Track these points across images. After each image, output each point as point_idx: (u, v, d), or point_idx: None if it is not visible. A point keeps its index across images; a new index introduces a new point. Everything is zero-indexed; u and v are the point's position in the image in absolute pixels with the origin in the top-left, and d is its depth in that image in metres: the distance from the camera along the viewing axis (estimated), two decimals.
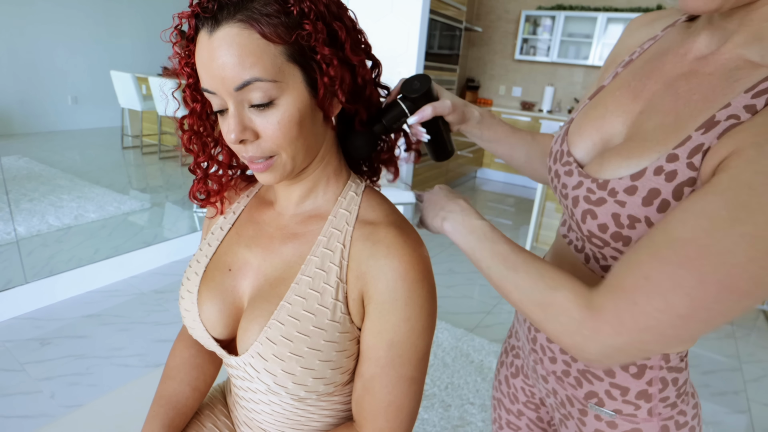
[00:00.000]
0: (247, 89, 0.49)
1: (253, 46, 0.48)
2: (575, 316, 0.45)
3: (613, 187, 0.50)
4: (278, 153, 0.54)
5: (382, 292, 0.55)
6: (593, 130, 0.59)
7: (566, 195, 0.58)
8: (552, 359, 0.65)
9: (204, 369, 0.74)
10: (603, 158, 0.54)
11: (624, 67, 0.62)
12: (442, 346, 2.09)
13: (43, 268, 2.30)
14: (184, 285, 0.66)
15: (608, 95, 0.60)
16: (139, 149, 4.73)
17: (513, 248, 0.54)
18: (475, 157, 5.27)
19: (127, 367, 1.83)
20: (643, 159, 0.49)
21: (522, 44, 5.23)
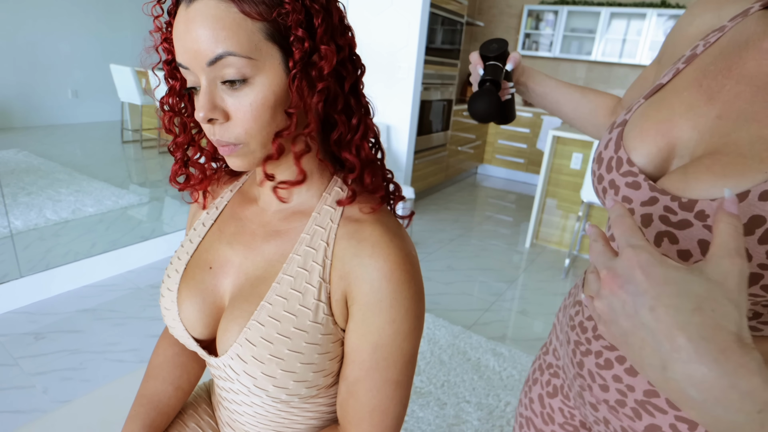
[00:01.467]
0: (220, 64, 0.46)
1: (229, 20, 0.45)
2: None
3: (703, 209, 0.42)
4: (246, 142, 0.50)
5: (366, 293, 0.53)
6: (658, 135, 0.50)
7: (632, 210, 0.50)
8: (603, 387, 0.56)
9: (187, 368, 0.72)
10: (687, 173, 0.46)
11: (686, 63, 0.54)
12: (439, 343, 2.08)
13: (40, 262, 2.28)
14: (164, 282, 0.64)
15: (672, 95, 0.52)
16: (138, 143, 4.71)
17: None
18: (476, 153, 5.24)
19: (122, 363, 1.82)
20: (745, 179, 0.40)
21: (524, 39, 5.18)
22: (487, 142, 5.39)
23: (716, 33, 0.53)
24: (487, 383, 1.85)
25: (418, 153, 3.86)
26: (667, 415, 0.51)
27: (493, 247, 3.34)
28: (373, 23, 3.37)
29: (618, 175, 0.52)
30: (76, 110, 4.51)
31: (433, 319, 2.25)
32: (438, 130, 4.14)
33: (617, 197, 0.52)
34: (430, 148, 4.08)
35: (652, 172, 0.50)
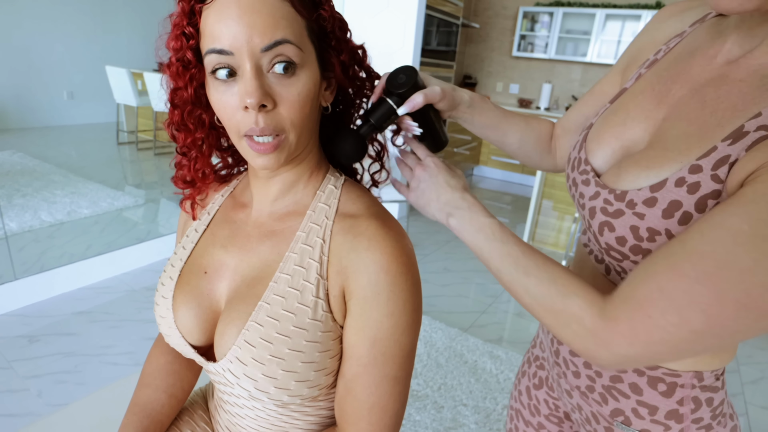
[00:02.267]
0: (276, 50, 0.47)
1: (285, 11, 0.48)
2: (587, 325, 0.44)
3: (632, 199, 0.48)
4: (287, 131, 0.51)
5: (363, 287, 0.52)
6: (612, 138, 0.55)
7: (584, 205, 0.56)
8: (576, 373, 0.62)
9: (181, 375, 0.71)
10: (620, 167, 0.51)
11: (648, 68, 0.58)
12: (436, 346, 2.08)
13: (34, 264, 2.27)
14: (158, 290, 0.63)
15: (630, 99, 0.57)
16: (134, 145, 4.70)
17: (524, 250, 0.52)
18: (472, 154, 5.24)
19: (116, 366, 1.81)
20: (663, 169, 0.46)
21: (520, 41, 5.20)
22: (483, 143, 5.40)
23: (676, 38, 0.57)
24: (484, 386, 1.85)
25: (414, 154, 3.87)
26: (630, 400, 0.57)
27: None
28: (369, 25, 3.38)
29: (578, 173, 0.58)
30: (71, 112, 4.49)
31: (430, 321, 2.25)
32: None
33: (576, 194, 0.58)
34: None
35: (601, 166, 0.56)
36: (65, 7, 3.98)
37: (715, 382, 0.55)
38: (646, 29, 0.64)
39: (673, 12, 0.61)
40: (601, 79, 0.71)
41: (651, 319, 0.40)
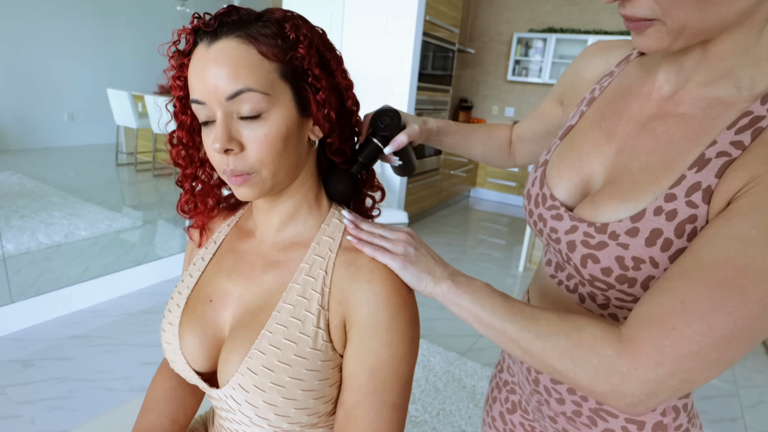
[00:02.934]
0: (239, 99, 0.50)
1: (249, 59, 0.50)
2: (608, 353, 0.43)
3: (614, 230, 0.50)
4: (259, 170, 0.54)
5: (364, 318, 0.55)
6: (573, 172, 0.59)
7: (558, 239, 0.57)
8: (560, 400, 0.63)
9: (184, 402, 0.72)
10: (595, 201, 0.53)
11: (588, 106, 0.63)
12: (434, 370, 2.07)
13: (31, 286, 2.26)
14: (165, 317, 0.65)
15: (580, 136, 0.61)
16: (133, 166, 4.72)
17: (524, 304, 0.53)
18: (469, 176, 5.29)
19: (111, 391, 1.79)
20: (639, 201, 0.49)
21: (514, 65, 5.30)
22: (479, 165, 5.46)
23: (607, 78, 0.63)
24: (483, 411, 1.84)
25: (411, 177, 3.90)
26: (618, 419, 0.59)
27: (486, 271, 3.35)
28: (367, 51, 3.45)
29: (544, 209, 0.60)
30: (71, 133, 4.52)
31: (428, 345, 2.24)
32: (431, 155, 4.19)
33: (545, 228, 0.60)
34: (423, 173, 4.12)
35: (572, 204, 0.58)
36: (68, 30, 4.04)
37: None
38: (575, 67, 0.70)
39: (597, 51, 0.67)
40: (543, 103, 0.80)
41: (675, 331, 0.40)
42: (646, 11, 0.43)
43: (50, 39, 3.91)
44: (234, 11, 0.52)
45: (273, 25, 0.52)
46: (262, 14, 0.54)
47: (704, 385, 2.17)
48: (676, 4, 0.41)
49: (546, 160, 0.63)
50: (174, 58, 0.56)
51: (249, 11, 0.53)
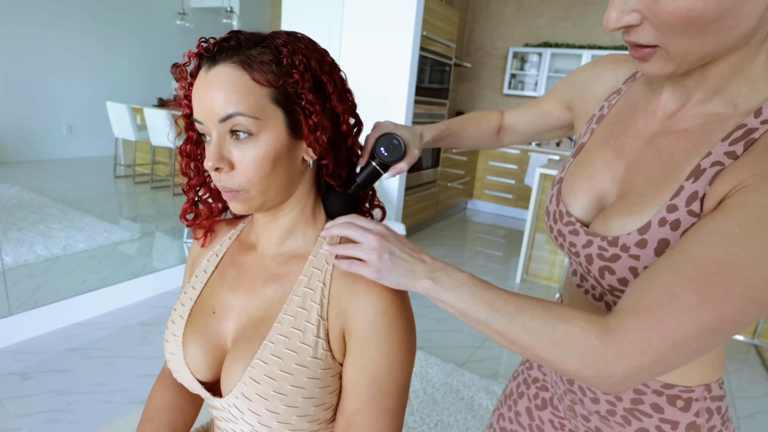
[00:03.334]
0: (230, 121, 0.54)
1: (240, 85, 0.53)
2: (595, 343, 0.45)
3: (624, 243, 0.53)
4: (247, 189, 0.57)
5: (362, 328, 0.57)
6: (586, 189, 0.62)
7: (578, 253, 0.61)
8: (594, 400, 0.65)
9: (184, 410, 0.73)
10: (606, 216, 0.57)
11: (598, 123, 0.66)
12: (432, 382, 2.07)
13: (29, 299, 2.26)
14: (169, 328, 0.67)
15: (591, 154, 0.64)
16: (131, 178, 4.73)
17: (507, 292, 0.54)
18: (465, 188, 5.33)
19: (110, 404, 1.79)
20: (645, 213, 0.52)
21: (510, 79, 5.37)
22: (476, 177, 5.50)
23: (615, 95, 0.66)
24: (481, 422, 1.84)
25: (409, 189, 3.93)
26: (653, 419, 0.60)
27: None
28: (365, 64, 3.49)
29: (562, 225, 0.63)
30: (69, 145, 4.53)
31: (426, 356, 2.25)
32: (428, 167, 4.23)
33: (565, 243, 0.63)
34: (421, 185, 4.16)
35: (588, 220, 0.60)
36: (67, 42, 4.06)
37: (720, 391, 0.61)
38: (586, 80, 0.73)
39: (606, 66, 0.70)
40: (546, 99, 0.83)
41: (662, 323, 0.42)
42: (650, 38, 0.46)
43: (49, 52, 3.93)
44: (234, 37, 0.55)
45: (270, 51, 0.54)
46: (264, 38, 0.56)
47: None
48: (678, 32, 0.44)
49: (561, 178, 0.67)
50: (183, 80, 0.60)
51: (250, 36, 0.56)
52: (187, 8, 4.93)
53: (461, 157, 4.95)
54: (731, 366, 2.48)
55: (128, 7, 4.44)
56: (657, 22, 0.44)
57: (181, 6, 4.87)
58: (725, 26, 0.43)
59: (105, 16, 4.22)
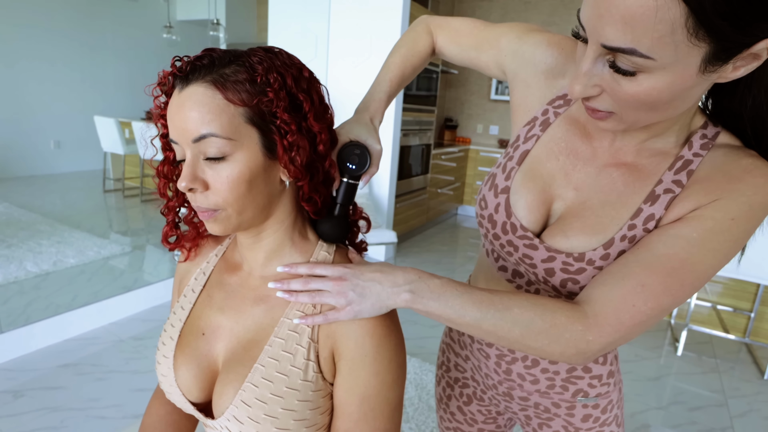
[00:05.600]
0: (203, 142, 0.53)
1: (213, 105, 0.52)
2: (579, 328, 0.54)
3: (591, 258, 0.60)
4: (224, 208, 0.55)
5: (351, 349, 0.57)
6: (539, 204, 0.65)
7: (533, 265, 0.65)
8: (534, 381, 0.74)
9: (180, 426, 0.74)
10: (568, 236, 0.62)
11: (543, 130, 0.67)
12: (426, 388, 2.08)
13: (19, 316, 2.25)
14: (159, 350, 0.67)
15: (539, 166, 0.66)
16: (120, 192, 4.71)
17: (490, 292, 0.58)
18: (456, 194, 5.37)
19: (104, 419, 1.78)
20: (607, 232, 0.59)
21: (497, 85, 5.44)
22: (466, 183, 5.54)
23: (562, 102, 0.67)
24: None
25: (399, 197, 3.95)
26: (584, 379, 0.72)
27: None
28: (352, 73, 3.52)
29: (515, 237, 0.66)
30: (57, 160, 4.50)
31: (420, 363, 2.26)
32: (417, 174, 4.26)
33: (516, 253, 0.67)
34: (411, 192, 4.18)
35: (535, 230, 0.65)
36: (55, 58, 4.04)
37: None
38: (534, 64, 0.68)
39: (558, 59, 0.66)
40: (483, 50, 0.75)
41: (635, 308, 0.53)
42: (607, 106, 0.51)
43: (36, 66, 3.92)
44: (207, 56, 0.54)
45: (245, 69, 0.53)
46: (239, 56, 0.54)
47: (693, 396, 2.22)
48: (632, 108, 0.50)
49: (507, 187, 0.67)
50: (157, 99, 0.59)
51: (224, 54, 0.54)
52: (173, 21, 4.94)
53: (451, 163, 4.99)
54: (723, 365, 2.52)
55: (114, 21, 4.44)
56: (616, 98, 0.49)
57: (168, 19, 4.87)
58: (673, 106, 0.49)
59: (91, 30, 4.21)
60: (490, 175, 0.72)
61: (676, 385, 2.32)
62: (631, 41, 0.42)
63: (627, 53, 0.43)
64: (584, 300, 0.56)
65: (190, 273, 0.71)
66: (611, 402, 0.76)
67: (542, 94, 0.69)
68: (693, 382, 2.35)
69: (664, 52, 0.42)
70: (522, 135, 0.69)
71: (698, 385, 2.32)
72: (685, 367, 2.48)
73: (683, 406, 2.14)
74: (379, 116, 0.75)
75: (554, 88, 0.68)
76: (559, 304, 0.56)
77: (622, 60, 0.45)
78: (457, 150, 5.08)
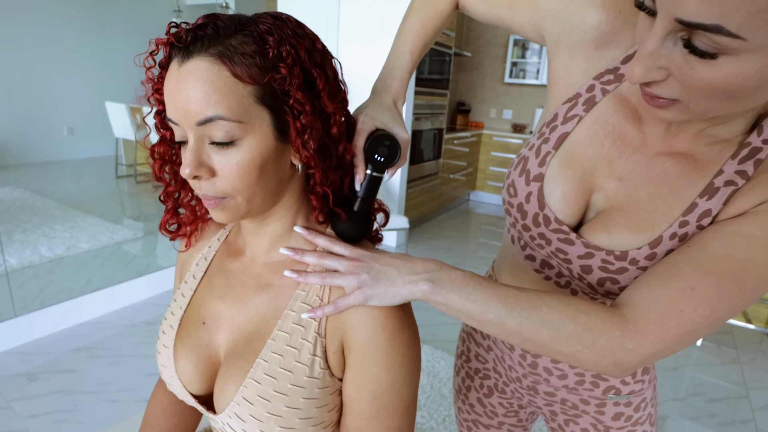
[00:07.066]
0: (209, 126, 0.47)
1: (220, 83, 0.46)
2: (617, 334, 0.47)
3: (634, 257, 0.53)
4: (232, 195, 0.51)
5: (362, 342, 0.53)
6: (578, 196, 0.57)
7: (568, 260, 0.59)
8: (561, 376, 0.69)
9: (185, 415, 0.72)
10: (610, 232, 0.55)
11: (587, 110, 0.58)
12: (439, 376, 2.06)
13: (34, 300, 2.27)
14: (160, 339, 0.64)
15: (580, 151, 0.58)
16: (132, 178, 4.73)
17: (516, 288, 0.52)
18: (468, 180, 5.30)
19: (116, 403, 1.79)
20: (655, 229, 0.52)
21: (511, 68, 5.32)
22: (479, 168, 5.47)
23: (612, 77, 0.56)
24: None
25: (411, 182, 3.90)
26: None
27: None
28: (363, 57, 3.46)
29: (548, 230, 0.59)
30: (71, 147, 4.53)
31: (432, 350, 2.24)
32: (429, 159, 4.20)
33: (549, 247, 0.60)
34: (423, 177, 4.13)
35: (571, 223, 0.58)
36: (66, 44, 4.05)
37: None
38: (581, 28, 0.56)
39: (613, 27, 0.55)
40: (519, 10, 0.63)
41: (683, 314, 0.45)
42: (673, 93, 0.43)
43: (47, 52, 3.92)
44: (210, 23, 0.47)
45: (253, 40, 0.47)
46: (245, 24, 0.48)
47: (713, 387, 2.16)
48: (704, 97, 0.41)
49: (541, 175, 0.59)
50: (151, 70, 0.53)
51: (228, 22, 0.48)
52: (182, 5, 4.90)
53: (463, 148, 4.91)
54: (744, 356, 2.46)
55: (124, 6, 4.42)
56: (686, 84, 0.41)
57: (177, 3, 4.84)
58: (757, 96, 0.41)
59: (101, 14, 4.20)
60: (521, 157, 0.63)
61: (695, 376, 2.26)
62: (718, 16, 0.34)
63: (710, 31, 0.35)
64: (624, 303, 0.49)
65: (191, 258, 0.68)
66: (645, 400, 0.71)
67: (589, 65, 0.57)
68: (713, 373, 2.29)
69: (759, 31, 0.34)
70: (561, 114, 0.59)
71: (718, 377, 2.26)
72: (705, 357, 2.43)
73: (702, 398, 2.09)
74: (402, 98, 0.66)
75: (604, 60, 0.56)
76: (594, 305, 0.49)
77: (701, 39, 0.36)
78: (469, 135, 5.00)
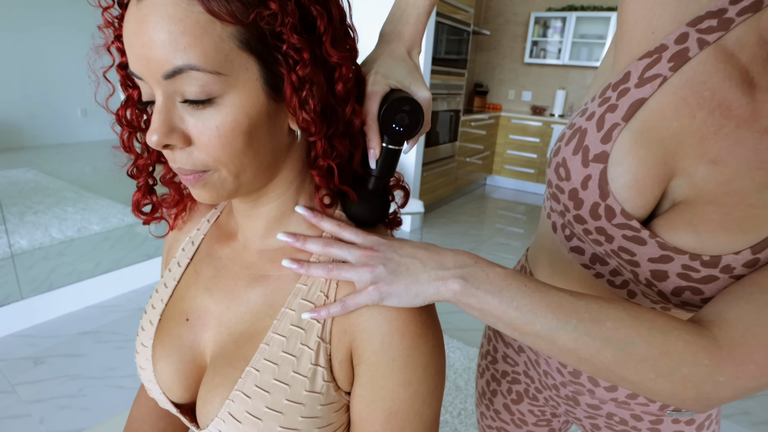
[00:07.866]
0: (179, 78, 0.36)
1: (191, 22, 0.35)
2: (705, 362, 0.37)
3: (729, 264, 0.42)
4: (215, 168, 0.41)
5: (375, 351, 0.43)
6: (654, 184, 0.44)
7: (635, 263, 0.47)
8: (610, 388, 0.59)
9: (173, 419, 0.64)
10: (699, 232, 0.43)
11: (674, 70, 0.43)
12: (454, 367, 1.98)
13: (43, 282, 2.25)
14: (138, 335, 0.55)
15: (661, 125, 0.44)
16: None
17: (572, 294, 0.41)
18: (485, 164, 5.16)
19: (121, 389, 1.75)
20: (762, 229, 0.41)
21: (532, 47, 5.13)
22: (496, 152, 5.32)
23: (714, 24, 0.41)
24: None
25: (426, 165, 3.79)
26: None
27: (505, 261, 3.24)
28: (376, 34, 3.34)
29: (610, 224, 0.47)
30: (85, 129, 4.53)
31: (447, 340, 2.16)
32: (445, 142, 4.08)
33: (610, 245, 0.48)
34: (438, 160, 4.02)
35: (641, 217, 0.46)
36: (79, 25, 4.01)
37: None
38: None
39: None
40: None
41: None
42: None
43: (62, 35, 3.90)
44: None
45: None
46: None
47: None
48: None
49: (606, 154, 0.45)
50: (108, 11, 0.42)
51: None
52: None
53: (480, 131, 4.77)
54: None
55: None
56: None
57: None
58: None
59: None
60: (575, 129, 0.48)
61: None
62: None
63: None
64: (713, 320, 0.39)
65: (178, 242, 0.58)
66: (710, 417, 0.60)
67: (678, 8, 0.43)
68: None
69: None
70: (635, 72, 0.45)
71: None
72: None
73: None
74: (418, 46, 0.54)
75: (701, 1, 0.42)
76: (674, 322, 0.39)
77: None
78: (487, 117, 4.85)
